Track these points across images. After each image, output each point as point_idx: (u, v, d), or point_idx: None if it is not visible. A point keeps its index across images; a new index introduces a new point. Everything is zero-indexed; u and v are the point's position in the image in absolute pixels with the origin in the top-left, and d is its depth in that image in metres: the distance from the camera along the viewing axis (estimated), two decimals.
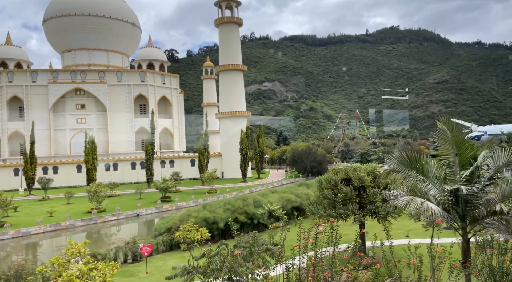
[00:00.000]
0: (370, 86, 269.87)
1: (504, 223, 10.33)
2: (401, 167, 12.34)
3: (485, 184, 11.59)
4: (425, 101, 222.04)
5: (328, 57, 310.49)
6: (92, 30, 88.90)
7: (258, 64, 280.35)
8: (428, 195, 11.41)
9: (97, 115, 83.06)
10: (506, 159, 11.58)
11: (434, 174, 12.07)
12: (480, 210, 10.94)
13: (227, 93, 79.66)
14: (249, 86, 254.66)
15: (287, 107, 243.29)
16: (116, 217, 40.73)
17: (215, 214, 26.99)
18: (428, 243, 22.77)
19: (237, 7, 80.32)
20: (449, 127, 12.12)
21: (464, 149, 11.82)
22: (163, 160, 77.19)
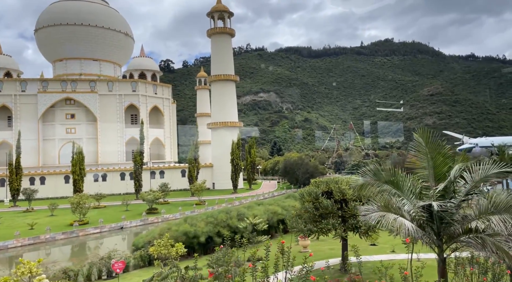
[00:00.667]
0: (365, 97, 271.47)
1: (480, 241, 9.63)
2: (375, 181, 11.67)
3: (461, 200, 10.92)
4: (419, 113, 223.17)
5: (323, 68, 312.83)
6: (84, 39, 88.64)
7: (253, 75, 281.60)
8: (402, 211, 10.71)
9: (87, 125, 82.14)
10: (484, 173, 10.95)
11: (409, 188, 11.40)
12: (455, 228, 10.24)
13: (219, 103, 79.20)
14: (245, 96, 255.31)
15: (282, 117, 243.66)
16: (99, 230, 39.56)
17: (196, 227, 26.07)
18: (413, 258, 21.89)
19: (229, 18, 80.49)
20: (425, 139, 11.50)
21: (439, 163, 11.18)
22: (153, 170, 76.10)
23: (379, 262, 23.11)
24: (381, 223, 10.40)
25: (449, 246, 10.80)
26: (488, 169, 10.84)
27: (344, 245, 20.36)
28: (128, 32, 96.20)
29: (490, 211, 10.13)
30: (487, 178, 10.87)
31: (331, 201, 19.73)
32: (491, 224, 9.81)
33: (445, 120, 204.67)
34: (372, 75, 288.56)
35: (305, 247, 26.46)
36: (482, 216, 10.19)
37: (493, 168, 10.84)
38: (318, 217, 20.26)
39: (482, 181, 10.95)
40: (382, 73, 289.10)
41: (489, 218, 10.01)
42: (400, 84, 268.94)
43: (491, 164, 10.84)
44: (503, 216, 9.82)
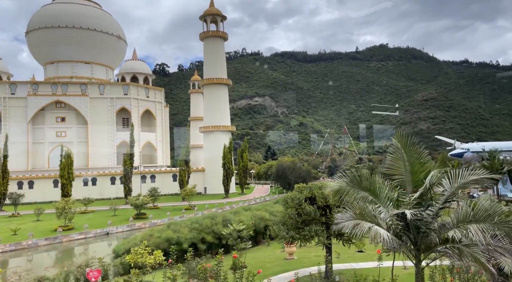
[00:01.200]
0: (359, 102, 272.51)
1: (457, 252, 9.14)
2: (351, 187, 11.17)
3: (439, 208, 10.44)
4: (414, 118, 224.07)
5: (318, 73, 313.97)
6: (75, 42, 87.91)
7: (249, 79, 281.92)
8: (377, 219, 10.21)
9: (78, 128, 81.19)
10: (463, 180, 10.49)
11: (387, 195, 10.91)
12: (432, 237, 9.74)
13: (211, 107, 78.66)
14: (240, 100, 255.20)
15: (277, 122, 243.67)
16: (83, 236, 38.68)
17: (179, 234, 25.40)
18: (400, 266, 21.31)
19: (222, 22, 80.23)
20: (402, 144, 11.04)
21: (417, 168, 10.71)
22: (144, 174, 75.23)
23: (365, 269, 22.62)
24: (355, 232, 9.91)
25: (427, 256, 10.32)
26: (467, 176, 10.40)
27: (328, 252, 19.84)
28: (120, 35, 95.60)
29: (468, 220, 9.67)
30: (466, 185, 10.41)
31: (314, 207, 19.22)
32: (469, 234, 9.36)
33: (439, 125, 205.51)
34: (367, 80, 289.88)
35: (291, 254, 25.87)
36: (461, 225, 9.72)
37: (472, 174, 10.40)
38: (301, 223, 19.75)
39: (461, 188, 10.49)
40: (377, 78, 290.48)
41: (467, 227, 9.55)
42: (394, 89, 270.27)
43: (470, 171, 10.40)
44: (482, 225, 9.36)
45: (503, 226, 9.12)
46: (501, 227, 9.13)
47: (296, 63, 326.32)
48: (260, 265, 24.50)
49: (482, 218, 9.47)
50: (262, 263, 24.74)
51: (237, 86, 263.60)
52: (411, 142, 11.00)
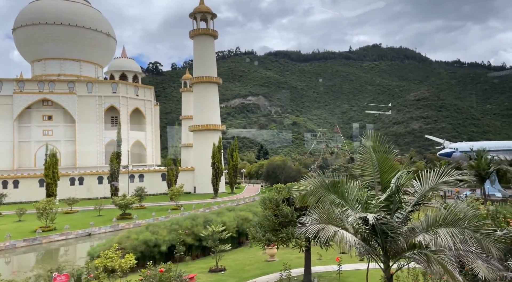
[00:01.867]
0: (353, 102, 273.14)
1: (425, 258, 8.61)
2: (319, 189, 10.60)
3: (409, 211, 9.91)
4: (406, 118, 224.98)
5: (312, 72, 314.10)
6: (63, 39, 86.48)
7: (242, 78, 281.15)
8: (344, 223, 9.64)
9: (65, 127, 79.89)
10: (434, 182, 9.97)
11: (356, 198, 10.36)
12: (401, 242, 9.20)
13: (201, 106, 77.82)
14: (233, 99, 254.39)
15: (271, 121, 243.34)
16: (64, 237, 37.76)
17: (158, 235, 24.68)
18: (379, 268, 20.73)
19: (212, 20, 79.38)
20: (372, 142, 10.49)
21: (386, 169, 10.16)
22: (132, 174, 74.23)
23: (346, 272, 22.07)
24: (320, 236, 9.34)
25: (396, 262, 9.78)
26: (439, 177, 9.88)
27: (307, 255, 19.30)
28: (110, 32, 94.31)
29: (438, 224, 9.15)
30: (438, 186, 9.89)
31: (291, 208, 18.65)
32: (438, 239, 8.83)
33: (431, 125, 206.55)
34: (360, 79, 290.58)
35: (272, 256, 25.30)
36: (430, 230, 9.20)
37: (444, 176, 9.88)
38: (278, 225, 19.18)
39: (433, 190, 9.98)
40: (370, 77, 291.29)
41: (437, 231, 9.03)
42: (387, 88, 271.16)
43: (442, 172, 9.88)
44: (452, 230, 8.84)
45: (472, 231, 8.61)
46: (471, 232, 8.62)
47: (290, 62, 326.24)
48: (240, 268, 23.90)
49: (452, 222, 8.96)
50: (242, 265, 24.15)
51: (230, 85, 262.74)
52: (381, 141, 10.46)
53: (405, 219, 9.71)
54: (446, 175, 9.83)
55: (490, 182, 49.76)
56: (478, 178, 37.64)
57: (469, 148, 51.99)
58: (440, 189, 10.04)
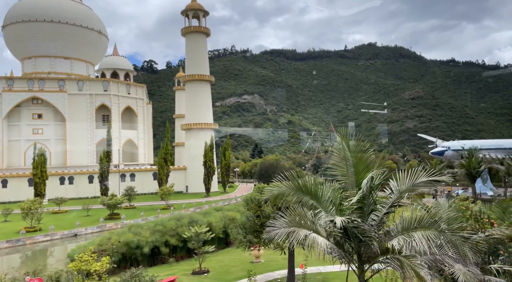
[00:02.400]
0: (348, 100, 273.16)
1: (398, 263, 8.09)
2: (292, 190, 10.05)
3: (384, 213, 9.38)
4: (401, 116, 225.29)
5: (307, 71, 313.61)
6: (54, 37, 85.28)
7: (238, 77, 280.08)
8: (316, 226, 9.10)
9: (56, 126, 78.83)
10: (411, 182, 9.45)
11: (330, 199, 9.82)
12: (374, 246, 8.68)
13: (193, 104, 77.08)
14: (229, 98, 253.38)
15: (266, 120, 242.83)
16: (49, 238, 37.00)
17: (140, 237, 24.04)
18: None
19: (204, 17, 78.58)
20: (346, 141, 9.96)
21: (361, 169, 9.63)
22: (123, 173, 73.39)
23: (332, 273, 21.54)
24: (290, 240, 8.80)
25: (370, 267, 9.26)
26: (416, 178, 9.37)
27: (291, 257, 18.77)
28: (101, 30, 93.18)
29: (413, 227, 8.64)
30: (415, 187, 9.37)
31: (273, 209, 18.09)
32: (413, 242, 8.32)
33: (425, 123, 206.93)
34: (355, 78, 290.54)
35: (258, 257, 24.78)
36: (405, 233, 8.69)
37: (422, 176, 9.37)
38: (260, 226, 18.64)
39: (409, 190, 9.46)
40: (365, 76, 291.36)
41: (411, 235, 8.51)
42: (382, 87, 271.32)
43: (420, 172, 9.37)
44: (427, 233, 8.33)
45: (449, 235, 8.09)
46: (447, 235, 8.10)
47: (285, 61, 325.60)
48: (224, 269, 23.35)
49: (428, 225, 8.44)
50: (227, 267, 23.61)
51: (226, 84, 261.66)
52: (356, 139, 9.94)
53: (380, 221, 9.19)
54: (424, 175, 9.33)
55: (482, 181, 49.56)
56: (468, 176, 37.28)
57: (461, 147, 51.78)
58: (417, 190, 9.51)
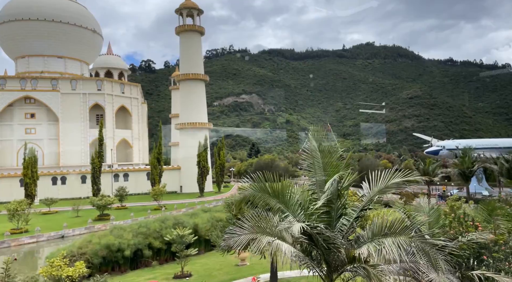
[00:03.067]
0: (346, 100, 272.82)
1: (366, 273, 7.47)
2: (259, 193, 9.42)
3: (355, 217, 8.76)
4: (399, 116, 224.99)
5: (305, 71, 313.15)
6: (47, 36, 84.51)
7: (236, 76, 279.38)
8: (281, 232, 8.47)
9: (49, 125, 78.08)
10: (384, 184, 8.84)
11: (299, 202, 9.20)
12: (341, 254, 8.05)
13: (187, 103, 76.39)
14: (227, 98, 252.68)
15: (264, 119, 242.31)
16: (35, 239, 36.30)
17: (122, 239, 23.37)
18: None
19: (199, 16, 77.89)
20: (316, 140, 9.34)
21: (331, 170, 9.00)
22: (117, 173, 72.67)
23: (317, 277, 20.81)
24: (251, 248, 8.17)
25: (339, 276, 8.64)
26: (389, 179, 8.75)
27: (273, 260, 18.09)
28: (96, 29, 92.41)
29: (384, 233, 8.01)
30: (387, 189, 8.75)
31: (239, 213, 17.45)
32: (383, 250, 7.69)
33: (423, 123, 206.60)
34: (353, 78, 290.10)
35: (243, 260, 24.13)
36: (376, 239, 8.06)
37: (395, 177, 8.75)
38: None
39: (382, 192, 8.84)
40: (363, 76, 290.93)
41: (382, 241, 7.89)
42: (380, 87, 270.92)
43: (393, 172, 8.75)
44: (398, 240, 7.70)
45: (419, 241, 7.46)
46: (417, 242, 7.47)
47: (284, 60, 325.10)
48: (208, 273, 22.70)
49: (399, 230, 7.82)
50: (210, 270, 22.98)
51: (224, 84, 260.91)
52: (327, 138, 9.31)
53: (350, 226, 8.57)
54: (397, 176, 8.72)
55: (477, 180, 49.00)
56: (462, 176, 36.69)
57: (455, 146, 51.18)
58: (388, 192, 8.88)
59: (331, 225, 8.30)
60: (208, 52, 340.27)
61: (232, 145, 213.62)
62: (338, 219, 8.50)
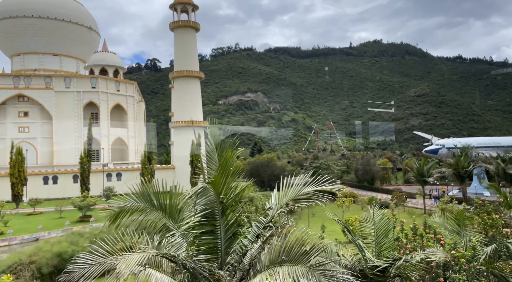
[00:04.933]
0: (352, 98, 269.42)
1: None
2: (142, 205, 7.45)
3: (256, 235, 6.73)
4: (406, 114, 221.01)
5: (312, 69, 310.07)
6: (43, 33, 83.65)
7: (241, 75, 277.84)
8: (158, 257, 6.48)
9: (42, 124, 77.08)
10: (294, 194, 6.80)
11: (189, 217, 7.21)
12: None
13: (181, 101, 74.74)
14: (232, 96, 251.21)
15: (269, 118, 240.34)
16: (7, 243, 34.88)
17: (77, 246, 21.59)
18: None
19: (194, 11, 76.11)
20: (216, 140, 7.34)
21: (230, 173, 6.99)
22: (110, 172, 71.37)
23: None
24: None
25: None
26: (300, 188, 6.72)
27: None
28: (92, 26, 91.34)
29: (280, 260, 5.99)
30: (297, 200, 6.72)
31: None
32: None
33: (431, 121, 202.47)
34: (360, 75, 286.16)
35: None
36: (271, 267, 6.04)
37: (308, 186, 6.72)
38: None
39: (290, 204, 6.80)
40: (370, 74, 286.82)
41: (277, 271, 5.86)
42: (387, 85, 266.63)
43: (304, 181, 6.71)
44: (295, 268, 5.68)
45: (318, 271, 5.41)
46: (316, 273, 5.42)
47: (290, 58, 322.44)
48: None
49: (296, 257, 5.79)
50: None
51: (229, 82, 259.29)
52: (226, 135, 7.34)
53: (245, 252, 6.54)
54: (312, 184, 6.68)
55: (478, 180, 46.40)
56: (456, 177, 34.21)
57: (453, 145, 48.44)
58: (299, 204, 6.83)
59: (216, 249, 6.29)
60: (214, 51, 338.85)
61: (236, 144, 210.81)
62: (229, 241, 6.47)
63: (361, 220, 10.15)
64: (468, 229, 10.69)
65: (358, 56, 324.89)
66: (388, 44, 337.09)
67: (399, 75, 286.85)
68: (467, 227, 10.68)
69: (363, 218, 9.90)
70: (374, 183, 59.89)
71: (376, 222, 9.39)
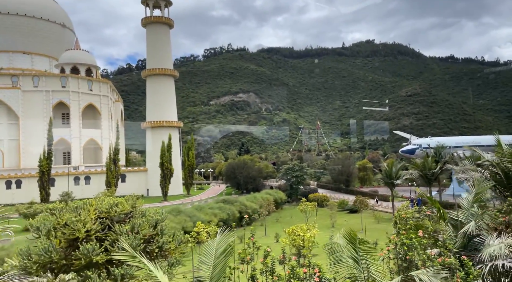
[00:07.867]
0: (345, 98, 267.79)
1: None
2: None
3: None
4: (397, 114, 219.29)
5: (304, 69, 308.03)
6: (12, 30, 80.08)
7: (233, 75, 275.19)
8: None
9: (9, 125, 73.43)
10: None
11: None
12: None
13: (154, 100, 71.44)
14: (223, 97, 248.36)
15: (261, 118, 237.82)
16: None
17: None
18: None
19: (167, 7, 72.95)
20: None
21: None
22: (77, 176, 67.90)
23: None
24: None
25: None
26: None
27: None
28: (65, 23, 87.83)
29: None
30: None
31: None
32: None
33: (422, 121, 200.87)
34: (352, 76, 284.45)
35: None
36: None
37: None
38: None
39: None
40: (362, 74, 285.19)
41: None
42: (380, 85, 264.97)
43: None
44: None
45: None
46: None
47: (283, 59, 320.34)
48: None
49: None
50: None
51: (221, 82, 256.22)
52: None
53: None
54: None
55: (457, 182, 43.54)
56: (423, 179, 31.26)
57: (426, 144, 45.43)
58: None
59: None
60: (206, 51, 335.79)
61: (227, 144, 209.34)
62: None
63: (200, 252, 7.08)
64: (367, 256, 7.71)
65: (350, 56, 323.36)
66: (380, 44, 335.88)
67: (392, 75, 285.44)
68: (366, 254, 7.71)
69: (203, 250, 6.87)
70: (350, 184, 56.60)
71: (217, 255, 6.42)
